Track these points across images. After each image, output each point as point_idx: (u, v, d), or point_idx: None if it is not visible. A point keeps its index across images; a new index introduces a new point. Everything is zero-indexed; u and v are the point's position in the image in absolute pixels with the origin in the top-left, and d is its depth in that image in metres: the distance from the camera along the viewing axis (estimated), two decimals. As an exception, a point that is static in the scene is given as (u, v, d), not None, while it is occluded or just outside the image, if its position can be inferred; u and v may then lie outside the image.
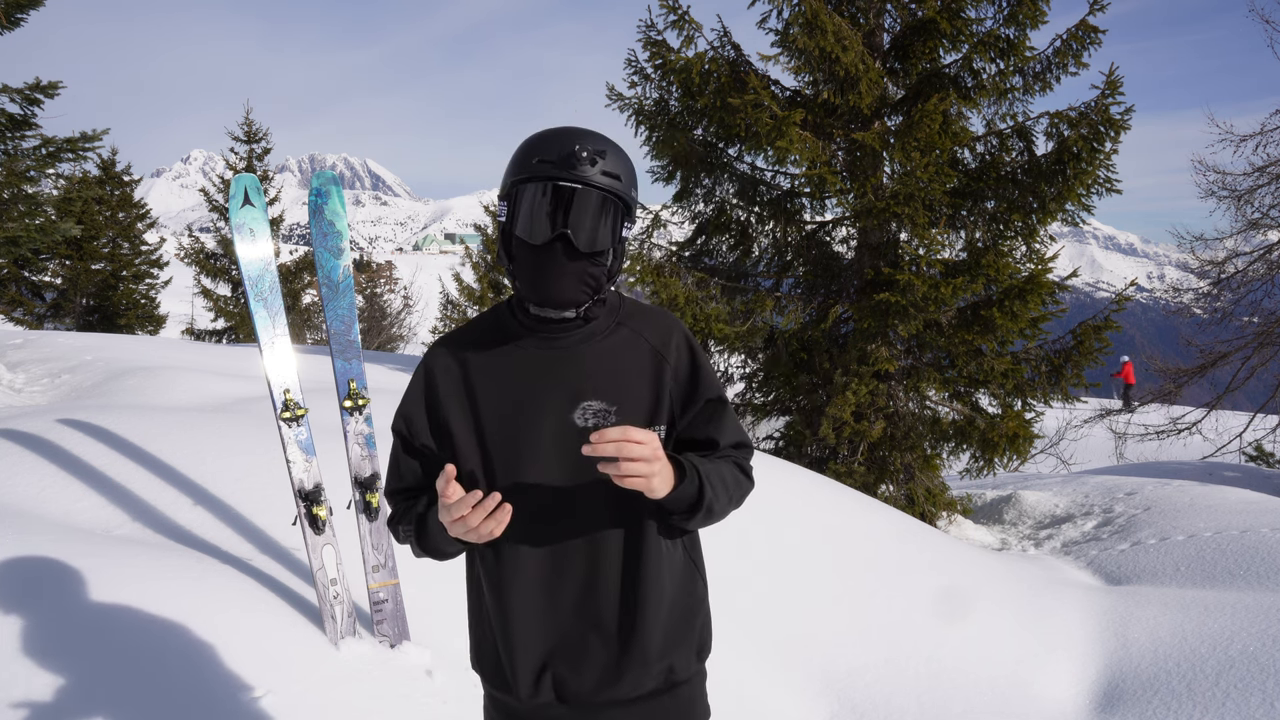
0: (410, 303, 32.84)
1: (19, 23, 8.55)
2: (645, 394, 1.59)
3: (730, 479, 1.58)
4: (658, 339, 1.63)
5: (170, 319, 25.25)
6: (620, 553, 1.57)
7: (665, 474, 1.42)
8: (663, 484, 1.42)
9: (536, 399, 1.57)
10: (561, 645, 1.57)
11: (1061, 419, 12.64)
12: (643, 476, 1.38)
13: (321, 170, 3.34)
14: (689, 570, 1.65)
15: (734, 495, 1.60)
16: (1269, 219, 12.59)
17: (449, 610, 3.50)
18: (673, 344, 1.63)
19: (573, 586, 1.56)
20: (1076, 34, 7.32)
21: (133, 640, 2.55)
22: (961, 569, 5.35)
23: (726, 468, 1.59)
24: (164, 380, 6.41)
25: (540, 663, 1.58)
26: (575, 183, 1.49)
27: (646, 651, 1.56)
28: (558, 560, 1.57)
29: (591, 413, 1.53)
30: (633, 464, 1.37)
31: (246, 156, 21.00)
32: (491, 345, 1.62)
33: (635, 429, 1.38)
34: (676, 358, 1.63)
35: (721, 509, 1.56)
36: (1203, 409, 13.71)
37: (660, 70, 7.96)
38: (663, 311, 1.70)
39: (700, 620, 1.66)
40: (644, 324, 1.65)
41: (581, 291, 1.55)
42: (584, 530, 1.56)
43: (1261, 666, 3.86)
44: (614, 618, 1.56)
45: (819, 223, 8.48)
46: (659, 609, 1.57)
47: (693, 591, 1.65)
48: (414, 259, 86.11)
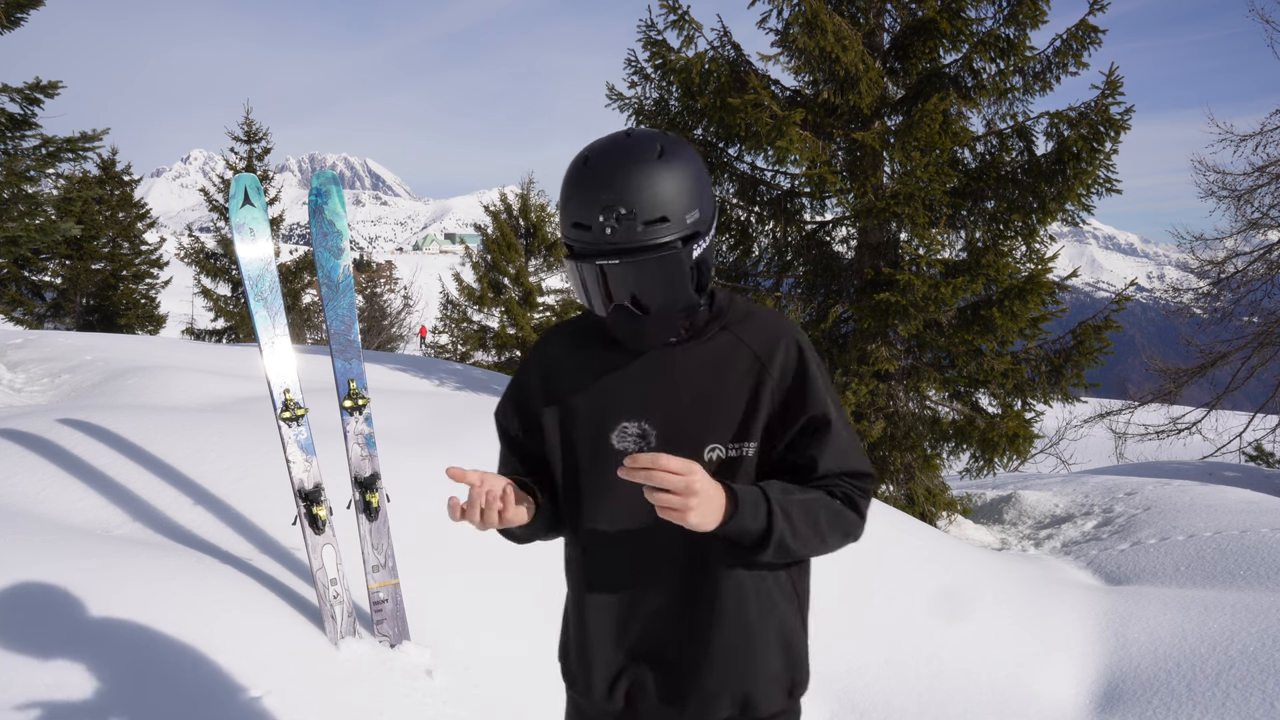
0: (410, 303, 32.85)
1: (19, 22, 8.55)
2: (735, 406, 1.46)
3: (823, 512, 1.42)
4: (762, 345, 1.48)
5: (170, 319, 25.27)
6: (693, 574, 1.47)
7: (707, 507, 1.28)
8: (703, 517, 1.28)
9: (616, 404, 1.49)
10: (633, 656, 1.52)
11: (1061, 419, 12.64)
12: (676, 510, 1.26)
13: (321, 170, 3.34)
14: (784, 602, 1.51)
15: (827, 531, 1.42)
16: (1269, 219, 12.59)
17: (449, 610, 3.51)
18: (779, 351, 1.47)
19: (648, 600, 1.50)
20: (1076, 34, 7.32)
21: (132, 640, 2.55)
22: (961, 569, 5.35)
23: (818, 499, 1.43)
24: (164, 380, 6.41)
25: (612, 670, 1.54)
26: (610, 258, 1.35)
27: (713, 678, 1.48)
28: (635, 571, 1.51)
29: (629, 435, 1.43)
30: (663, 495, 1.26)
31: (246, 156, 21.01)
32: (591, 342, 1.54)
33: (669, 457, 1.26)
34: (782, 367, 1.46)
35: (804, 545, 1.40)
36: (1203, 409, 13.71)
37: (660, 70, 7.96)
38: (775, 315, 1.53)
39: (793, 656, 1.53)
40: (749, 328, 1.50)
41: (670, 329, 1.45)
42: (660, 545, 1.47)
43: (1261, 666, 3.86)
44: (679, 639, 1.49)
45: (819, 222, 8.48)
46: (731, 636, 1.47)
47: (785, 625, 1.52)
48: (414, 259, 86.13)
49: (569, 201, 1.38)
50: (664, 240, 1.35)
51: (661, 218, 1.35)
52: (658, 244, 1.35)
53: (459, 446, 5.07)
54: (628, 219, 1.33)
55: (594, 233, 1.35)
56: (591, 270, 1.37)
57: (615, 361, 1.51)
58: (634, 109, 8.18)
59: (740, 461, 1.45)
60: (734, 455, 1.45)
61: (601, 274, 1.37)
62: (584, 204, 1.36)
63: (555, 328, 1.64)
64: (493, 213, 18.63)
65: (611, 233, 1.33)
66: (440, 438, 5.21)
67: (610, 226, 1.33)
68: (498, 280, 18.49)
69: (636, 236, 1.34)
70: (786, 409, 1.46)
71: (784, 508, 1.37)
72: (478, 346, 18.40)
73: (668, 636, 1.50)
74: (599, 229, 1.34)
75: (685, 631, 1.49)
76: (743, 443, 1.45)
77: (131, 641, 2.54)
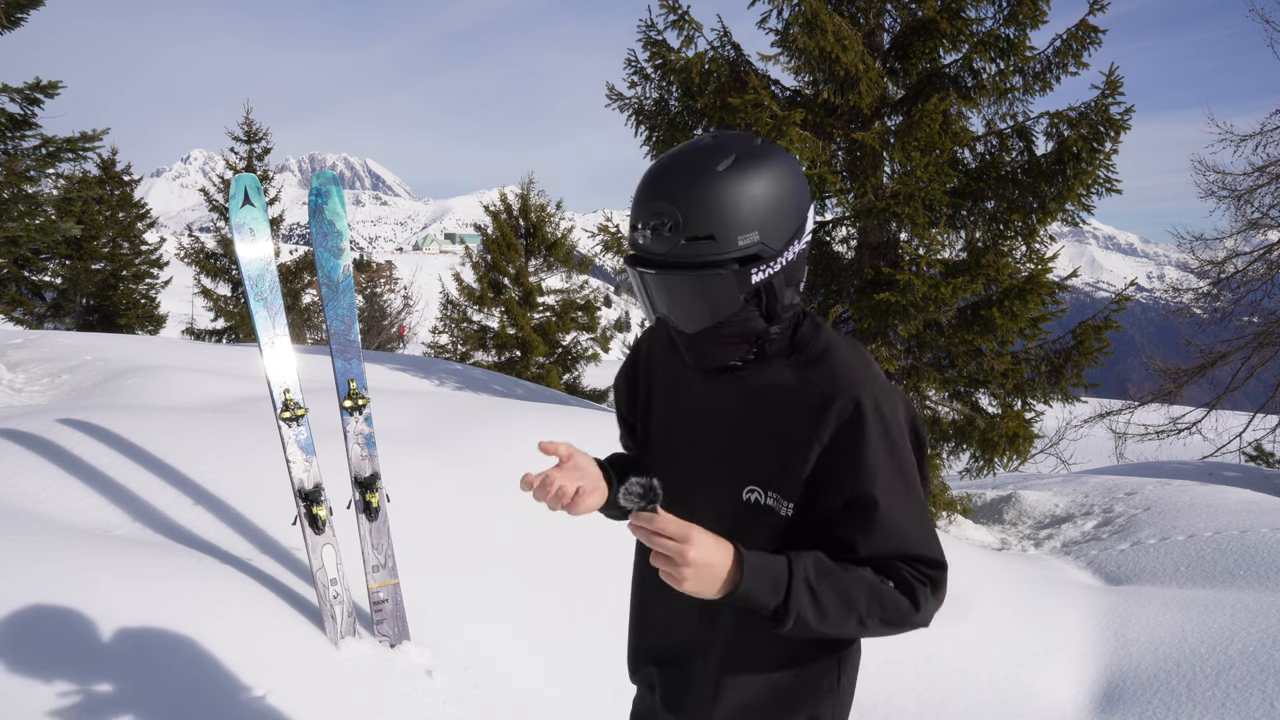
0: (410, 303, 32.85)
1: (19, 22, 8.55)
2: (778, 455, 1.34)
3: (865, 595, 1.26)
4: (819, 396, 1.31)
5: (170, 319, 25.27)
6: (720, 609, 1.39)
7: (704, 577, 1.19)
8: (699, 587, 1.20)
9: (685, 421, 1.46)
10: (661, 657, 1.55)
11: (1061, 419, 12.64)
12: (670, 576, 1.20)
13: (321, 170, 3.34)
14: (813, 661, 1.41)
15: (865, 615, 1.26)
16: (1269, 219, 12.59)
17: (449, 610, 3.51)
18: (834, 410, 1.30)
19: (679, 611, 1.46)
20: (1076, 34, 7.31)
21: (132, 640, 2.55)
22: (961, 569, 5.34)
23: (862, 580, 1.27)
24: (164, 380, 6.41)
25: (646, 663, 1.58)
26: (647, 267, 1.28)
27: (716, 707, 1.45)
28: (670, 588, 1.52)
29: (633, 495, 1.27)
30: (657, 558, 1.20)
31: (246, 156, 21.01)
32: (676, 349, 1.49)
33: (665, 520, 1.19)
34: (834, 430, 1.30)
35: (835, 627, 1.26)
36: (1203, 409, 13.71)
37: (660, 70, 7.96)
38: (853, 362, 1.35)
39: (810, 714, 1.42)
40: (818, 371, 1.34)
41: (730, 352, 1.35)
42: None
43: (1261, 666, 3.86)
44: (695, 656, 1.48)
45: (819, 222, 8.48)
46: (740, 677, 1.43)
47: (810, 684, 1.41)
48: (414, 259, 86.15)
49: (635, 200, 1.33)
50: (704, 260, 1.25)
51: (708, 235, 1.24)
52: (696, 263, 1.25)
53: (459, 446, 5.07)
54: (670, 231, 1.25)
55: (640, 233, 1.29)
56: (634, 275, 1.32)
57: (681, 370, 1.47)
58: (634, 109, 8.19)
59: (775, 516, 1.35)
60: (771, 505, 1.35)
61: (643, 280, 1.31)
62: (640, 206, 1.29)
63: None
64: (493, 213, 18.63)
65: (645, 242, 1.27)
66: (440, 438, 5.21)
67: (644, 236, 1.27)
68: (498, 280, 18.49)
69: (675, 251, 1.26)
70: (826, 477, 1.31)
71: (812, 584, 1.24)
72: (478, 346, 18.40)
73: (685, 650, 1.50)
74: (640, 235, 1.28)
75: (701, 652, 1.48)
76: (780, 497, 1.35)
77: (131, 641, 2.54)
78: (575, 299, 18.74)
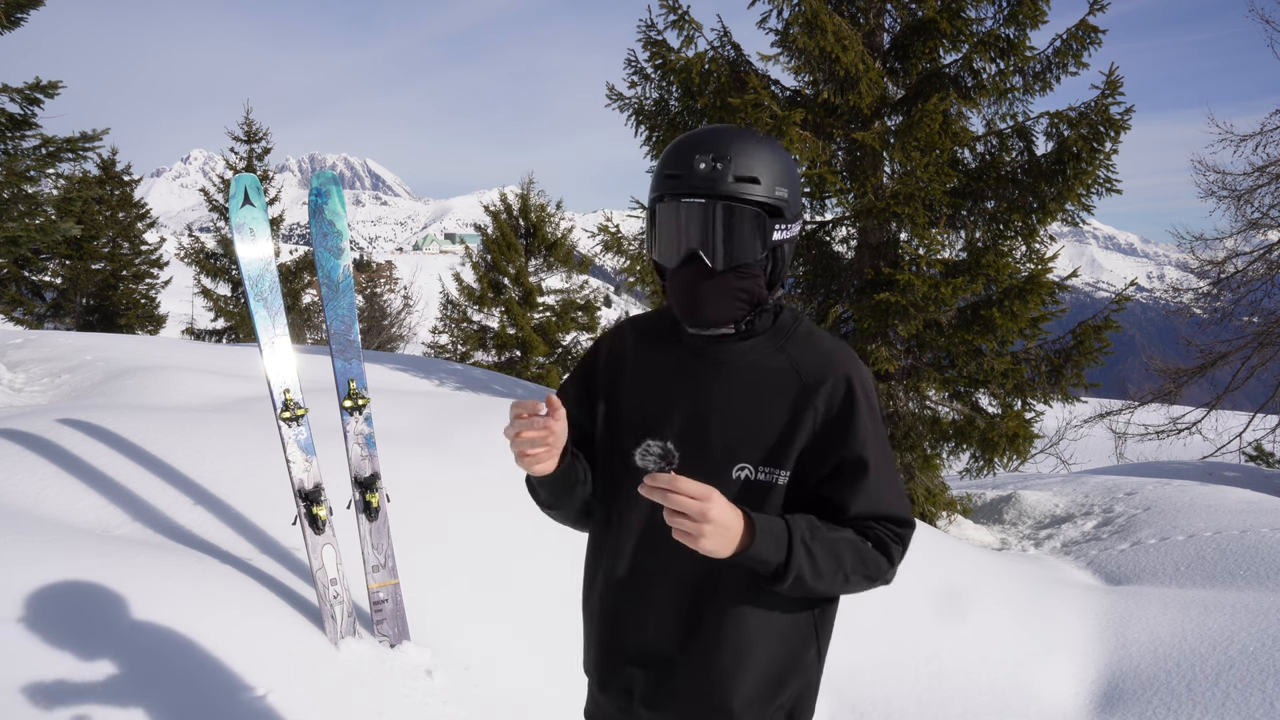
0: (410, 303, 32.83)
1: (19, 22, 8.55)
2: (771, 431, 1.43)
3: (849, 552, 1.39)
4: (812, 374, 1.44)
5: (170, 319, 25.27)
6: (701, 594, 1.48)
7: (722, 536, 1.28)
8: (716, 545, 1.28)
9: (652, 415, 1.50)
10: (630, 659, 1.55)
11: (1061, 419, 12.64)
12: (689, 535, 1.27)
13: (321, 170, 3.34)
14: (796, 635, 1.50)
15: (850, 572, 1.40)
16: (1269, 219, 12.59)
17: (449, 610, 3.51)
18: (827, 384, 1.43)
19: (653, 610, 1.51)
20: (1076, 34, 7.32)
21: (132, 639, 2.55)
22: (961, 569, 5.35)
23: (847, 539, 1.40)
24: (164, 380, 6.40)
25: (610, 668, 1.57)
26: (698, 196, 1.39)
27: (699, 691, 1.49)
28: (646, 582, 1.52)
29: (651, 455, 1.41)
30: (677, 518, 1.26)
31: (246, 156, 21.01)
32: (656, 340, 1.55)
33: (687, 481, 1.26)
34: (828, 401, 1.43)
35: (826, 583, 1.38)
36: (1203, 409, 13.71)
37: (660, 70, 7.96)
38: (837, 345, 1.50)
39: (794, 690, 1.52)
40: (805, 353, 1.47)
41: (733, 308, 1.44)
42: (675, 561, 1.47)
43: (1261, 666, 3.86)
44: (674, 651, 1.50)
45: (819, 223, 8.48)
46: (724, 660, 1.47)
47: (795, 658, 1.50)
48: (414, 259, 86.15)
49: (666, 160, 1.43)
50: (751, 197, 1.39)
51: (753, 178, 1.39)
52: (745, 196, 1.39)
53: (459, 446, 5.07)
54: (724, 166, 1.38)
55: (686, 176, 1.39)
56: (672, 210, 1.41)
57: (670, 363, 1.52)
58: (634, 109, 8.19)
59: (770, 488, 1.44)
60: (764, 479, 1.43)
61: (686, 213, 1.40)
62: (683, 156, 1.41)
63: (632, 319, 1.65)
64: (493, 213, 18.63)
65: (705, 170, 1.38)
66: (440, 438, 5.21)
67: (704, 165, 1.38)
68: (498, 280, 18.50)
69: (727, 184, 1.38)
70: (823, 444, 1.43)
71: (807, 544, 1.35)
72: (478, 346, 18.40)
73: (664, 646, 1.51)
74: (692, 171, 1.39)
75: (680, 645, 1.50)
76: (774, 469, 1.43)
77: (131, 641, 2.54)
78: (575, 299, 18.75)
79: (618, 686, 1.57)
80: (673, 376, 1.51)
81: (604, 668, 1.59)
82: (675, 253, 1.43)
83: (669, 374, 1.51)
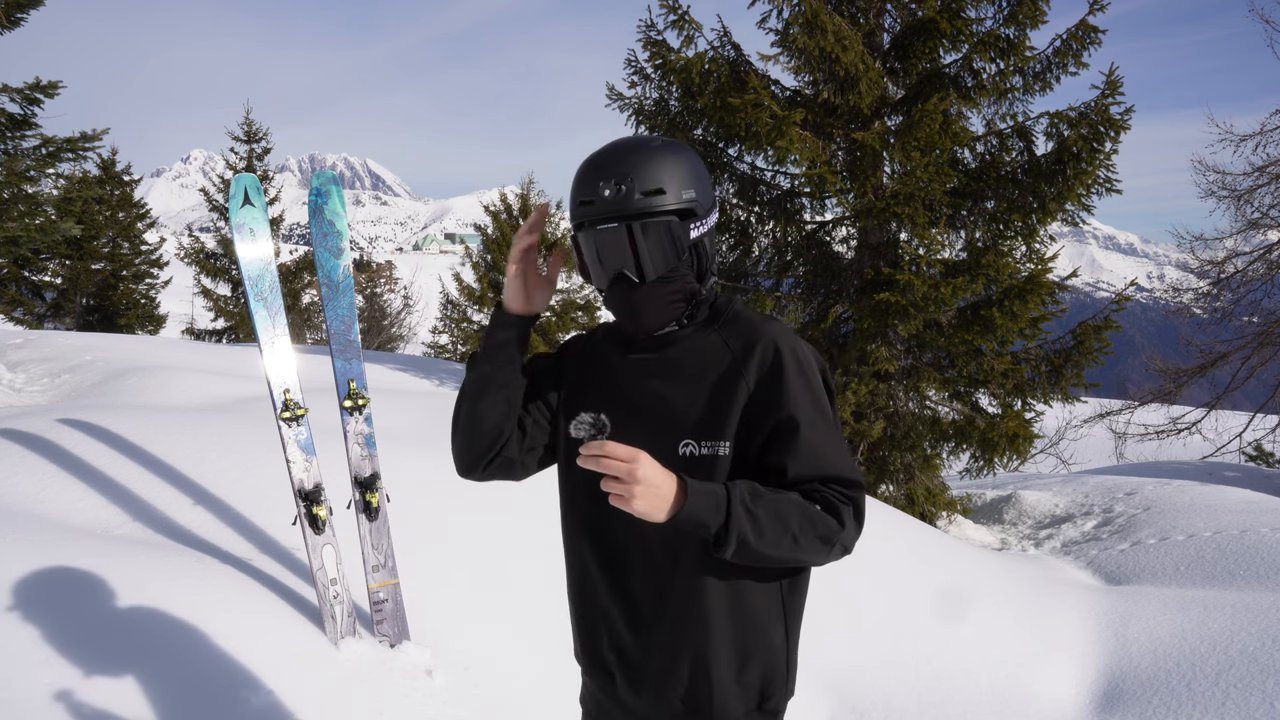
0: (410, 303, 32.84)
1: (19, 22, 8.55)
2: (709, 405, 1.49)
3: (795, 514, 1.39)
4: (740, 346, 1.51)
5: (170, 319, 25.25)
6: (663, 570, 1.51)
7: (653, 496, 1.31)
8: (649, 505, 1.31)
9: (589, 395, 1.59)
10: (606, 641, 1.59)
11: (1061, 419, 12.64)
12: (621, 496, 1.31)
13: (321, 170, 3.34)
14: (761, 613, 1.52)
15: (799, 534, 1.39)
16: (1269, 219, 12.59)
17: (449, 610, 3.51)
18: (756, 354, 1.49)
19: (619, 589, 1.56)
20: (1076, 34, 7.32)
21: (132, 640, 2.55)
22: (961, 569, 5.35)
23: (790, 500, 1.40)
24: (164, 380, 6.41)
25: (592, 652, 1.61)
26: (610, 221, 1.45)
27: (665, 673, 1.52)
28: (610, 561, 1.56)
29: (584, 425, 1.43)
30: (608, 481, 1.31)
31: (246, 156, 21.00)
32: (615, 342, 1.62)
33: (616, 445, 1.31)
34: (759, 370, 1.49)
35: (772, 546, 1.37)
36: (1203, 409, 13.71)
37: (660, 70, 7.96)
38: (763, 319, 1.55)
39: (764, 669, 1.53)
40: (734, 330, 1.54)
41: (670, 310, 1.52)
42: (634, 540, 1.52)
43: (1261, 666, 3.86)
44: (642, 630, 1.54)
45: (819, 222, 8.48)
46: (692, 636, 1.50)
47: (763, 636, 1.52)
48: (414, 259, 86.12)
49: (576, 187, 1.49)
50: (661, 209, 1.45)
51: (658, 189, 1.45)
52: (654, 210, 1.45)
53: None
54: (627, 188, 1.44)
55: (595, 203, 1.45)
56: (590, 237, 1.47)
57: (616, 359, 1.60)
58: (634, 109, 8.18)
59: (714, 460, 1.48)
60: (707, 454, 1.48)
61: (601, 239, 1.46)
62: (588, 182, 1.47)
63: (598, 326, 1.73)
64: (493, 213, 18.64)
65: (610, 195, 1.43)
66: (440, 438, 5.18)
67: (609, 190, 1.44)
68: (498, 280, 18.50)
69: (634, 203, 1.44)
70: (756, 410, 1.48)
71: (748, 506, 1.36)
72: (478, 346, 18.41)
73: (633, 626, 1.55)
74: (600, 198, 1.44)
75: (648, 623, 1.54)
76: (716, 441, 1.48)
77: (131, 641, 2.54)
78: (575, 299, 18.75)
79: (600, 667, 1.61)
80: (618, 368, 1.59)
81: (586, 650, 1.64)
82: (603, 276, 1.50)
83: (617, 368, 1.59)
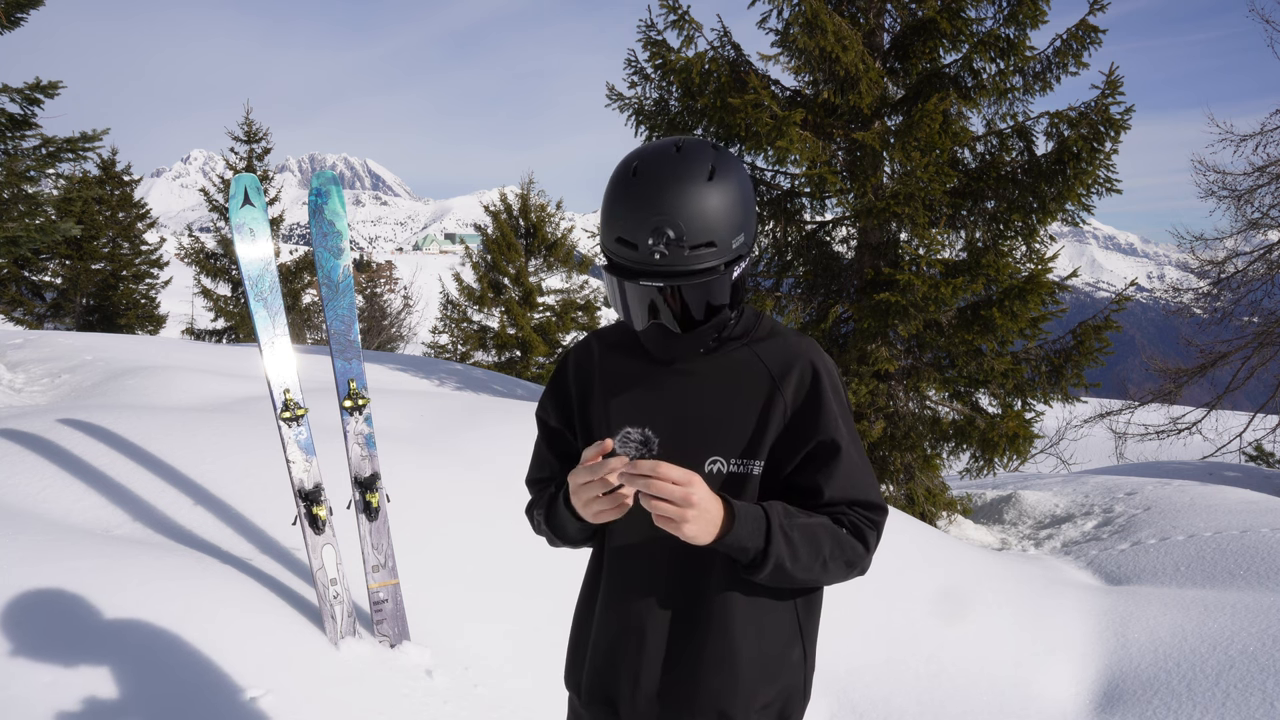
0: (410, 303, 32.84)
1: (19, 22, 8.55)
2: (743, 423, 1.44)
3: (826, 538, 1.39)
4: (778, 366, 1.46)
5: (170, 319, 25.26)
6: (687, 589, 1.48)
7: (704, 520, 1.29)
8: (699, 530, 1.29)
9: (626, 411, 1.50)
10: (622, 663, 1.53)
11: (1061, 419, 12.64)
12: (672, 520, 1.28)
13: (321, 170, 3.35)
14: (781, 634, 1.50)
15: (829, 558, 1.39)
16: (1269, 219, 12.60)
17: (449, 610, 3.51)
18: (794, 373, 1.45)
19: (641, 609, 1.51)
20: (1076, 34, 7.32)
21: (132, 640, 2.55)
22: (961, 569, 5.34)
23: (823, 525, 1.40)
24: (164, 380, 6.41)
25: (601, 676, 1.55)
26: (656, 281, 1.33)
27: (690, 693, 1.48)
28: (632, 580, 1.52)
29: (632, 441, 1.39)
30: (659, 504, 1.27)
31: (246, 156, 21.01)
32: (622, 350, 1.55)
33: (670, 466, 1.27)
34: (796, 390, 1.44)
35: (804, 570, 1.38)
36: (1203, 409, 13.71)
37: (660, 70, 7.97)
38: (799, 337, 1.51)
39: (783, 686, 1.51)
40: (770, 347, 1.48)
41: (702, 341, 1.45)
42: (659, 557, 1.48)
43: (1261, 666, 3.86)
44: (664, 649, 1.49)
45: (819, 222, 8.48)
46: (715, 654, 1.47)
47: (783, 655, 1.50)
48: (414, 259, 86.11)
49: (614, 214, 1.34)
50: (709, 265, 1.33)
51: (709, 243, 1.32)
52: (703, 269, 1.33)
53: (459, 446, 5.07)
54: (676, 243, 1.30)
55: (640, 253, 1.31)
56: (635, 290, 1.36)
57: (638, 370, 1.52)
58: (634, 109, 8.19)
59: (745, 479, 1.44)
60: (737, 471, 1.44)
61: (640, 294, 1.36)
62: (631, 221, 1.32)
63: (596, 333, 1.65)
64: (493, 213, 18.64)
65: (660, 257, 1.31)
66: (440, 438, 5.21)
67: (659, 251, 1.30)
68: (498, 280, 18.50)
69: (683, 260, 1.31)
70: (795, 431, 1.43)
71: (785, 530, 1.35)
72: (478, 346, 18.41)
73: (654, 646, 1.50)
74: (646, 251, 1.31)
75: (670, 643, 1.49)
76: (748, 460, 1.43)
77: (131, 641, 2.54)
78: (575, 299, 18.75)
79: (603, 700, 1.55)
80: (643, 381, 1.51)
81: (591, 679, 1.56)
82: (640, 319, 1.40)
83: (639, 379, 1.51)
